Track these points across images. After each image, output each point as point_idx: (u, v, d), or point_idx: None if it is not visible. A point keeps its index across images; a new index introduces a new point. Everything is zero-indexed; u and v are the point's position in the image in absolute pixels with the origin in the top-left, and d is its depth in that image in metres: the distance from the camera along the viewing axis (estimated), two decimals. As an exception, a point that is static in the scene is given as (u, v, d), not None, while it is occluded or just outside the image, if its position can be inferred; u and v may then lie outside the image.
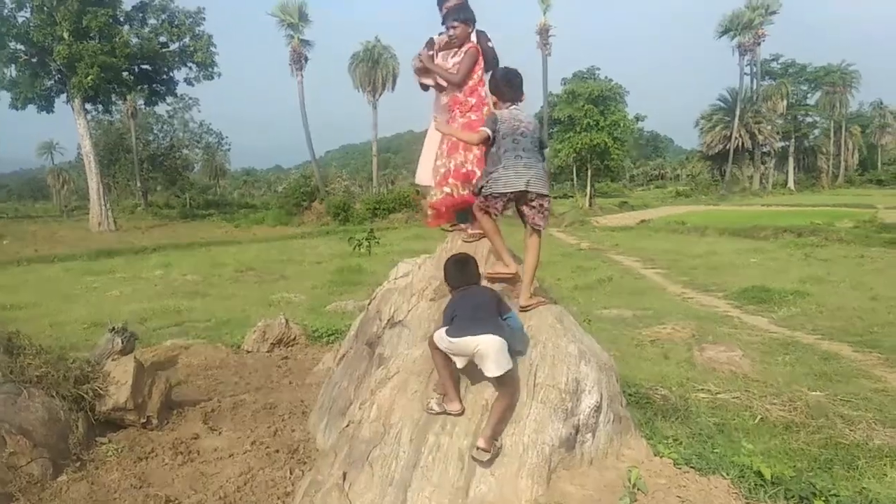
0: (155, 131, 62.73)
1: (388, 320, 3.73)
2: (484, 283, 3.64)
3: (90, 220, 35.13)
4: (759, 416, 5.47)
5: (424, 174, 4.87)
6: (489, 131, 3.78)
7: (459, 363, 3.32)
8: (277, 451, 4.07)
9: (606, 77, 48.23)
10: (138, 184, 56.12)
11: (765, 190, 65.84)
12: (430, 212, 4.54)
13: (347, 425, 3.35)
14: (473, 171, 4.31)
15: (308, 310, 10.67)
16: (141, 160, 56.73)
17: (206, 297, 12.43)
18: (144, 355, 6.85)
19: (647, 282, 14.16)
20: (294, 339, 7.05)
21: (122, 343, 5.74)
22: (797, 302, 11.05)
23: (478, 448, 3.18)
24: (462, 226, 4.62)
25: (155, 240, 27.01)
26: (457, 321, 3.30)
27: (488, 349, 3.19)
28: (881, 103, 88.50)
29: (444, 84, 4.60)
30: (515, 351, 3.38)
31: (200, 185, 77.93)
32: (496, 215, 3.78)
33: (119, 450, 4.41)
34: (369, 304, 4.14)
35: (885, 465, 4.48)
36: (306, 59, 44.53)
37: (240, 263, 17.15)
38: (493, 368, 3.20)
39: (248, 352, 6.87)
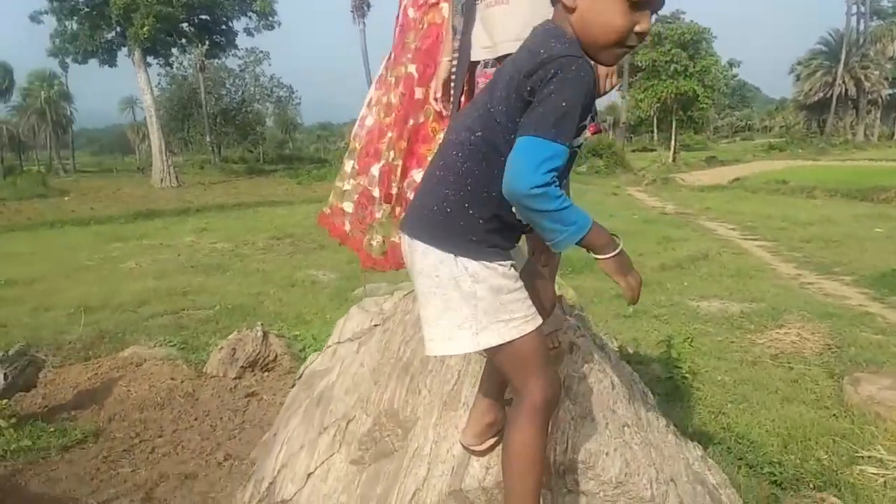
0: (227, 86, 62.28)
1: (268, 485, 1.71)
2: None
3: (153, 175, 34.76)
4: None
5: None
6: None
7: None
8: None
9: (692, 21, 44.08)
10: (208, 139, 55.74)
11: (869, 142, 59.99)
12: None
13: None
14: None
15: (332, 294, 8.85)
16: (213, 115, 56.25)
17: (226, 272, 10.81)
18: (81, 376, 5.16)
19: (752, 259, 11.63)
20: (274, 359, 5.16)
21: (7, 378, 4.02)
22: (958, 293, 8.48)
23: None
24: None
25: (212, 197, 25.86)
26: None
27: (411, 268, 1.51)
28: None
29: None
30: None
31: (275, 140, 77.70)
32: None
33: None
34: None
35: None
36: (369, 6, 42.13)
37: (279, 229, 15.52)
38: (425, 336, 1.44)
39: (212, 376, 5.07)
